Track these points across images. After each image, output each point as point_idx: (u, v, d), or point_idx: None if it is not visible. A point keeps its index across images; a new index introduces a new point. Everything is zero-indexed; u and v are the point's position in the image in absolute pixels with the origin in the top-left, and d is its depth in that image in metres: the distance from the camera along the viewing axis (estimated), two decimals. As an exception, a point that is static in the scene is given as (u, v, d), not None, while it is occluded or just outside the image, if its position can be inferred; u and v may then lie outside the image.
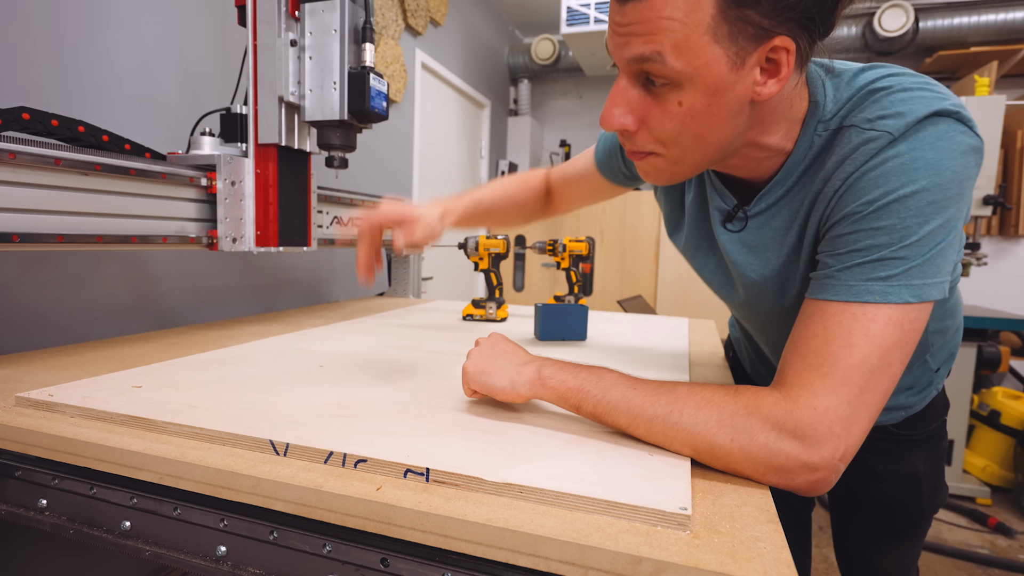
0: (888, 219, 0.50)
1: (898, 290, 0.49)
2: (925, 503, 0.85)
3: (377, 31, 2.32)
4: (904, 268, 0.49)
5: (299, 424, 0.59)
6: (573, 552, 0.40)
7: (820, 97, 0.57)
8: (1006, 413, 2.57)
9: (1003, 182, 3.29)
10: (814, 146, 0.58)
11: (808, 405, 0.48)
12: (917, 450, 0.84)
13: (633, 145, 0.57)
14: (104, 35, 1.22)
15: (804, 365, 0.51)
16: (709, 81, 0.50)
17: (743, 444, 0.49)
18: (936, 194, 0.49)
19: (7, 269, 1.05)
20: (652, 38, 0.49)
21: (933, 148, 0.49)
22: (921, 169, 0.49)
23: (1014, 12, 3.03)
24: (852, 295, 0.50)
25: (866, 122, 0.53)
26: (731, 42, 0.49)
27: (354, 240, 1.57)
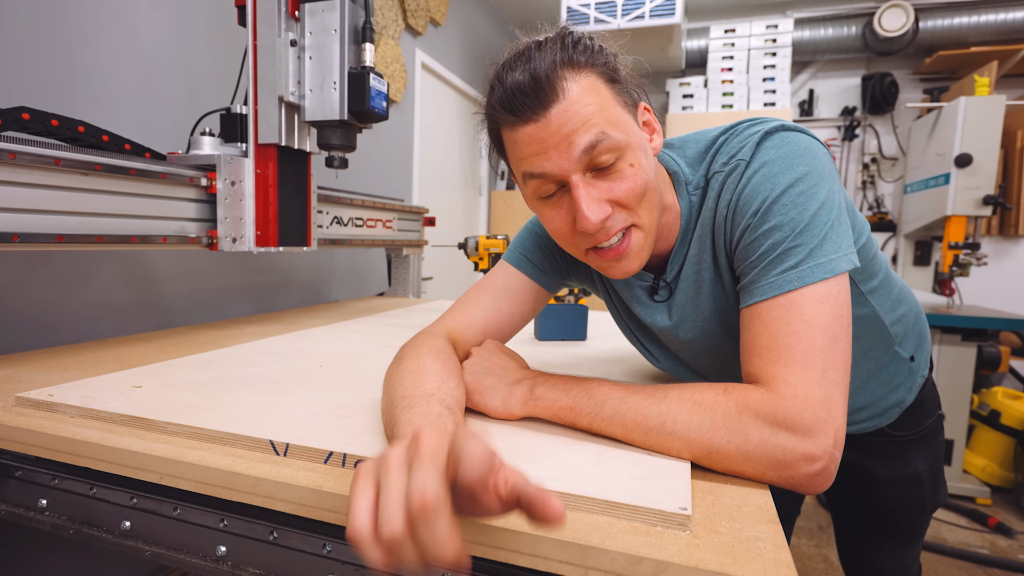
0: (774, 219, 0.56)
1: (810, 271, 0.54)
2: (927, 502, 0.86)
3: (377, 31, 2.32)
4: (807, 252, 0.54)
5: (299, 424, 0.59)
6: (573, 552, 0.40)
7: (675, 167, 0.67)
8: (1006, 413, 2.57)
9: (1003, 182, 3.29)
10: (693, 204, 0.66)
11: (788, 395, 0.50)
12: (916, 449, 0.84)
13: (610, 231, 0.59)
14: (104, 35, 1.22)
15: (764, 362, 0.53)
16: (637, 141, 0.59)
17: (739, 444, 0.50)
18: (800, 186, 0.56)
19: (7, 269, 1.05)
20: (589, 125, 0.55)
21: (780, 156, 0.58)
22: (778, 173, 0.57)
23: (1014, 12, 3.04)
24: (773, 290, 0.55)
25: (722, 165, 0.62)
26: (627, 110, 0.59)
27: (354, 241, 1.57)
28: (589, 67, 0.57)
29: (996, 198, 2.54)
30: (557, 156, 0.56)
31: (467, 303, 0.78)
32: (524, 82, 0.56)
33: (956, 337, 2.40)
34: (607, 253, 0.61)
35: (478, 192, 3.78)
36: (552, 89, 0.55)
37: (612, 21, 2.79)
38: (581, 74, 0.56)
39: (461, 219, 3.52)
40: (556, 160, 0.56)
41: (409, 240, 1.92)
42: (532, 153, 0.57)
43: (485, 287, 0.78)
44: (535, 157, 0.57)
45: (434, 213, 2.11)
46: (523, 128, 0.57)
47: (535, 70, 0.55)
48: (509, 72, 0.58)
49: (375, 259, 2.27)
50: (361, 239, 1.61)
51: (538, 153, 0.57)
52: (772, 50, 3.29)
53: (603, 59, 0.59)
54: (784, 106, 3.23)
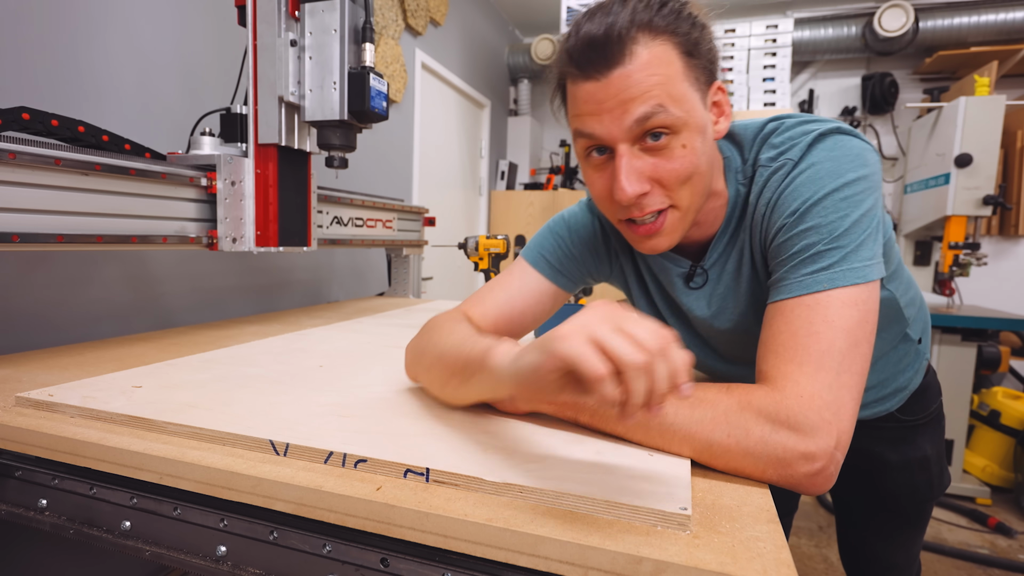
0: (812, 220, 0.56)
1: (842, 275, 0.53)
2: (935, 486, 0.88)
3: (377, 31, 2.32)
4: (841, 255, 0.54)
5: (299, 424, 0.59)
6: (573, 552, 0.40)
7: (727, 152, 0.66)
8: (1006, 413, 2.57)
9: (1003, 182, 3.29)
10: (739, 193, 0.65)
11: (794, 394, 0.50)
12: (923, 433, 0.87)
13: (646, 208, 0.59)
14: (104, 35, 1.22)
15: (778, 359, 0.53)
16: (697, 122, 0.57)
17: (739, 439, 0.50)
18: (847, 191, 0.55)
19: (7, 269, 1.05)
20: (648, 95, 0.54)
21: (829, 159, 0.57)
22: (825, 176, 0.56)
23: (1014, 12, 3.03)
24: (802, 288, 0.54)
25: (769, 160, 0.61)
26: (696, 87, 0.57)
27: (354, 241, 1.57)
28: (668, 34, 0.55)
29: (996, 198, 2.54)
30: (610, 121, 0.56)
31: (482, 298, 0.77)
32: (596, 36, 0.54)
33: (956, 337, 2.40)
34: (639, 228, 0.61)
35: (478, 192, 3.77)
36: (620, 50, 0.54)
37: (612, 21, 2.79)
38: (656, 40, 0.54)
39: (461, 219, 3.52)
40: (608, 125, 0.56)
41: (409, 240, 1.92)
42: (587, 112, 0.57)
43: (501, 284, 0.78)
44: (589, 117, 0.57)
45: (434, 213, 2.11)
46: (584, 84, 0.56)
47: (610, 26, 0.54)
48: (588, 21, 0.56)
49: (375, 259, 2.27)
50: (361, 239, 1.61)
51: (592, 113, 0.57)
52: (772, 50, 3.29)
53: (685, 29, 0.56)
54: (784, 106, 3.23)
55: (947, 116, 2.71)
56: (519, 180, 4.06)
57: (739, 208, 0.65)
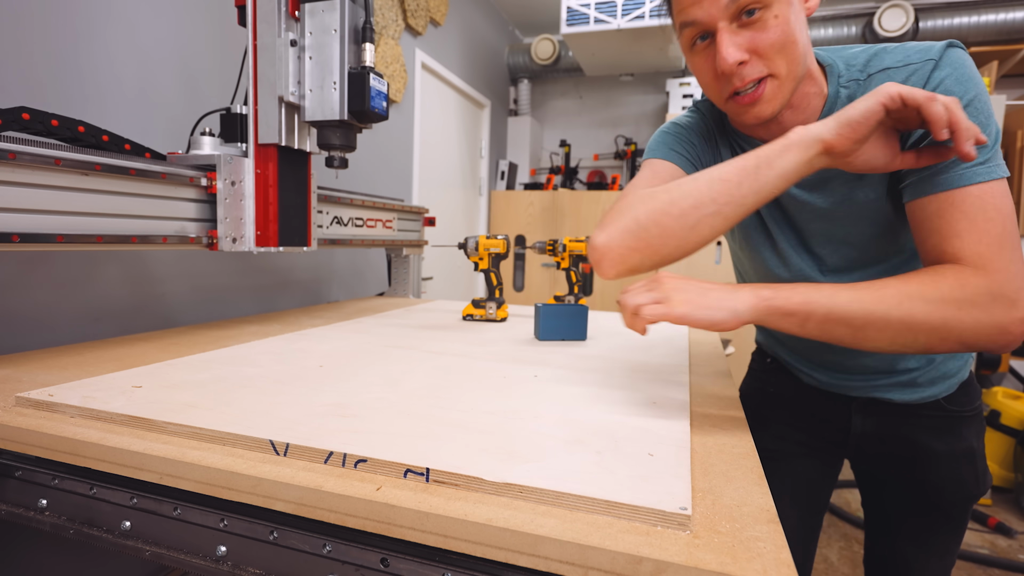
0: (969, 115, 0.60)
1: (993, 168, 0.59)
2: (980, 482, 0.87)
3: (377, 31, 2.32)
4: (992, 152, 0.60)
5: (299, 424, 0.59)
6: (573, 552, 0.40)
7: (829, 60, 0.71)
8: (1006, 413, 2.57)
9: (1003, 182, 3.29)
10: (842, 95, 0.70)
11: (996, 270, 0.56)
12: (968, 427, 0.86)
13: (746, 78, 0.65)
14: (104, 35, 1.22)
15: (966, 243, 0.58)
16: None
17: (971, 312, 0.55)
18: (984, 100, 0.62)
19: (7, 269, 1.05)
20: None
21: (965, 67, 0.63)
22: (968, 82, 0.62)
23: (1014, 12, 3.03)
24: (965, 180, 0.59)
25: (898, 62, 0.66)
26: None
27: (354, 241, 1.57)
28: None
29: (996, 198, 2.53)
30: (708, 4, 0.64)
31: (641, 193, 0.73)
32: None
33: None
34: (742, 99, 0.67)
35: (478, 192, 3.78)
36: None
37: (612, 21, 2.79)
38: None
39: (461, 219, 3.52)
40: (707, 7, 0.64)
41: (409, 240, 1.92)
42: (688, 4, 0.65)
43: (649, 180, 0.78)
44: (690, 6, 0.65)
45: (434, 213, 2.11)
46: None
47: None
48: None
49: (375, 259, 2.27)
50: (361, 239, 1.61)
51: (692, 4, 0.65)
52: (772, 50, 3.29)
53: None
54: (784, 106, 3.23)
55: (947, 116, 2.71)
56: (519, 180, 4.06)
57: (842, 104, 0.69)
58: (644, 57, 3.31)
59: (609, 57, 3.32)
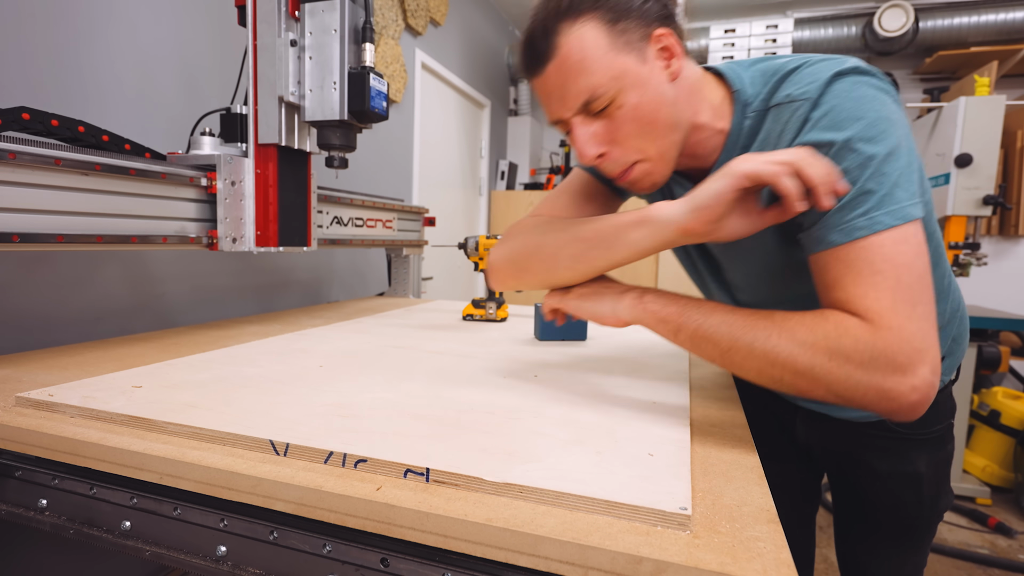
0: (841, 164, 0.56)
1: (881, 218, 0.54)
2: (926, 507, 0.84)
3: (377, 31, 2.32)
4: (877, 199, 0.54)
5: (299, 424, 0.59)
6: (573, 552, 0.40)
7: (739, 85, 0.67)
8: (1006, 413, 2.57)
9: (1003, 182, 3.29)
10: (744, 128, 0.67)
11: (887, 327, 0.51)
12: (919, 450, 0.83)
13: (615, 166, 0.66)
14: (104, 35, 1.22)
15: (853, 296, 0.54)
16: (632, 81, 0.61)
17: (845, 368, 0.51)
18: (869, 132, 0.55)
19: (7, 269, 1.05)
20: (579, 79, 0.61)
21: (848, 99, 0.57)
22: (846, 118, 0.56)
23: (1014, 12, 3.03)
24: (845, 235, 0.55)
25: (787, 98, 0.62)
26: (629, 48, 0.61)
27: (354, 241, 1.57)
28: (590, 12, 0.60)
29: (996, 198, 2.54)
30: (558, 106, 0.64)
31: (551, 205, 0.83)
32: (526, 39, 0.64)
33: (956, 337, 2.40)
34: (620, 180, 0.67)
35: (478, 192, 3.78)
36: (547, 46, 0.61)
37: (612, 21, 2.78)
38: (578, 23, 0.60)
39: (461, 219, 3.52)
40: (557, 109, 0.65)
41: (409, 240, 1.92)
42: (544, 103, 0.67)
43: (564, 191, 0.84)
44: (547, 106, 0.66)
45: (434, 213, 2.11)
46: (534, 81, 0.66)
47: (534, 27, 0.62)
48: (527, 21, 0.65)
49: (375, 259, 2.27)
50: (361, 239, 1.61)
51: (547, 103, 0.66)
52: (772, 50, 3.29)
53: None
54: (784, 106, 3.23)
55: (947, 116, 2.71)
56: (519, 180, 4.06)
57: (744, 140, 0.67)
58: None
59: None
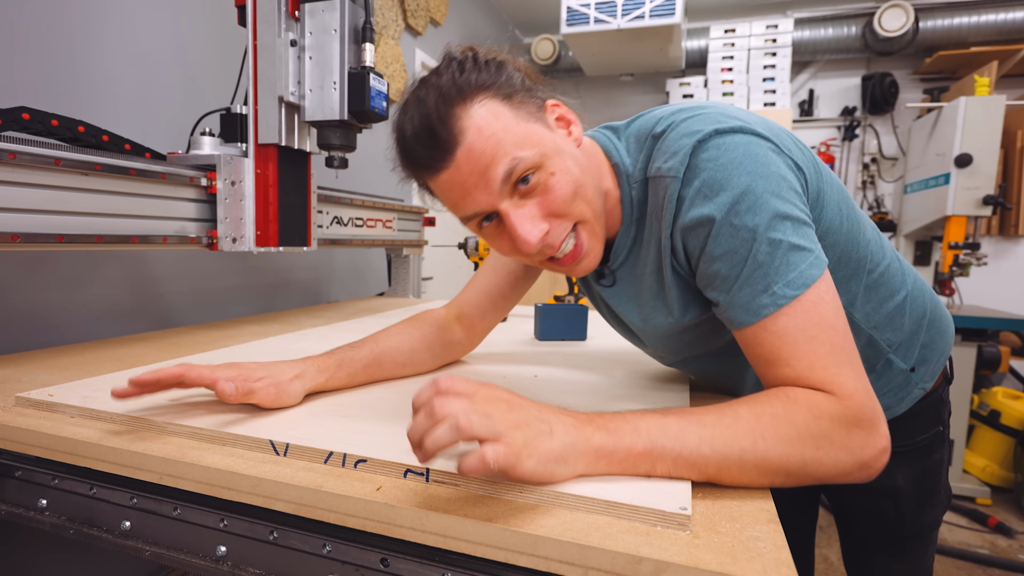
0: (722, 245, 0.54)
1: (782, 291, 0.52)
2: (908, 520, 0.82)
3: (377, 31, 2.32)
4: (770, 276, 0.52)
5: (299, 424, 0.59)
6: (573, 552, 0.40)
7: (616, 158, 0.65)
8: (1006, 413, 2.57)
9: (1003, 182, 3.29)
10: (634, 199, 0.64)
11: (846, 395, 0.50)
12: (898, 463, 0.76)
13: (555, 241, 0.59)
14: (104, 35, 1.22)
15: (800, 370, 0.52)
16: (551, 147, 0.58)
17: (828, 450, 0.49)
18: (744, 202, 0.52)
19: (7, 269, 1.05)
20: (498, 156, 0.55)
21: (716, 168, 0.54)
22: (718, 192, 0.54)
23: (1014, 12, 3.03)
24: (753, 315, 0.53)
25: (658, 170, 0.59)
26: (533, 118, 0.58)
27: (354, 241, 1.57)
28: (481, 91, 0.56)
29: (996, 198, 2.54)
30: (479, 194, 0.57)
31: (469, 284, 0.88)
32: (421, 134, 0.56)
33: (956, 337, 2.39)
34: (564, 260, 0.61)
35: (478, 192, 3.77)
36: (450, 133, 0.55)
37: (612, 21, 2.79)
38: (474, 104, 0.55)
39: (461, 219, 3.52)
40: (479, 199, 0.57)
41: (409, 240, 1.92)
42: (457, 198, 0.58)
43: (483, 266, 0.88)
44: (460, 200, 0.58)
45: (434, 213, 2.11)
46: (438, 176, 0.57)
47: (427, 117, 0.55)
48: (406, 119, 0.58)
49: (375, 259, 2.27)
50: (361, 239, 1.61)
51: (462, 197, 0.58)
52: (772, 50, 3.29)
53: (493, 77, 0.57)
54: (784, 106, 3.23)
55: (947, 116, 2.71)
56: (519, 180, 4.05)
57: (637, 209, 0.64)
58: (644, 57, 3.31)
59: (609, 57, 3.31)
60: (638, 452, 0.47)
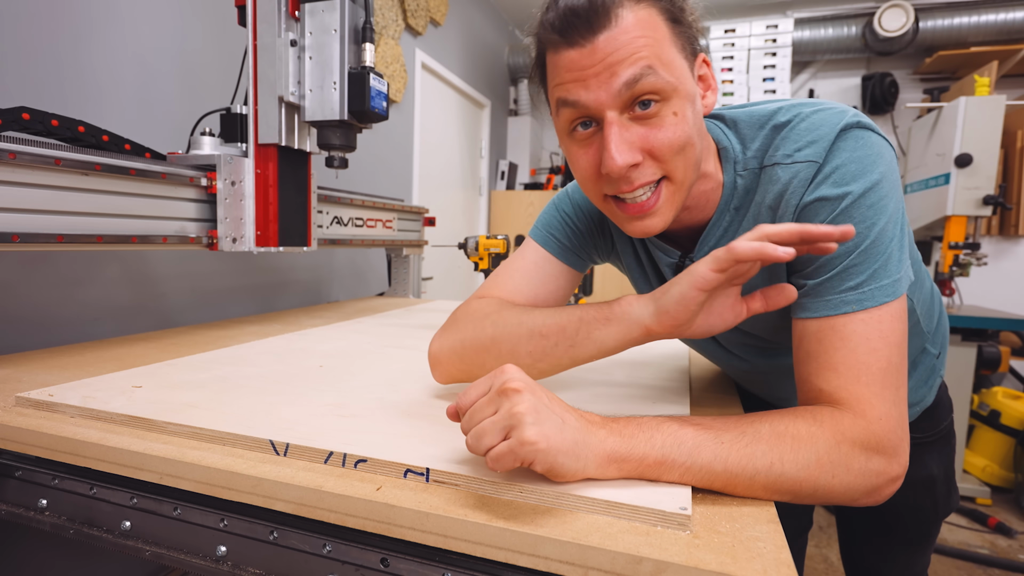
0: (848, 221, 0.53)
1: (872, 294, 0.52)
2: (940, 507, 0.84)
3: (377, 31, 2.32)
4: (869, 272, 0.52)
5: (299, 424, 0.59)
6: (573, 552, 0.40)
7: (725, 142, 0.62)
8: (1006, 413, 2.57)
9: (1003, 182, 3.29)
10: (738, 186, 0.61)
11: (876, 418, 0.50)
12: (931, 452, 0.83)
13: (636, 181, 0.55)
14: (104, 35, 1.22)
15: (844, 380, 0.51)
16: (687, 89, 0.54)
17: (843, 477, 0.48)
18: (871, 197, 0.52)
19: (7, 269, 1.05)
20: (637, 58, 0.51)
21: (853, 159, 0.54)
22: (850, 180, 0.53)
23: (1014, 12, 3.03)
24: (831, 308, 0.53)
25: (787, 158, 0.57)
26: (684, 55, 0.55)
27: (354, 241, 1.57)
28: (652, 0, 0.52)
29: (996, 198, 2.54)
30: (596, 86, 0.52)
31: (502, 283, 0.74)
32: (578, 5, 0.51)
33: (956, 337, 2.40)
34: (630, 208, 0.56)
35: (478, 192, 3.77)
36: (606, 14, 0.51)
37: (612, 21, 2.78)
38: (641, 4, 0.52)
39: (461, 219, 3.52)
40: (595, 90, 0.52)
41: (409, 240, 1.92)
42: (571, 79, 0.53)
43: (518, 268, 0.75)
44: (574, 84, 0.53)
45: (434, 213, 2.11)
46: (567, 52, 0.53)
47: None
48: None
49: (375, 259, 2.27)
50: (361, 239, 1.61)
51: (577, 80, 0.53)
52: (772, 50, 3.29)
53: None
54: (784, 106, 3.22)
55: (947, 116, 2.71)
56: (519, 180, 4.06)
57: (738, 199, 0.61)
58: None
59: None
60: (649, 463, 0.47)
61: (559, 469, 0.44)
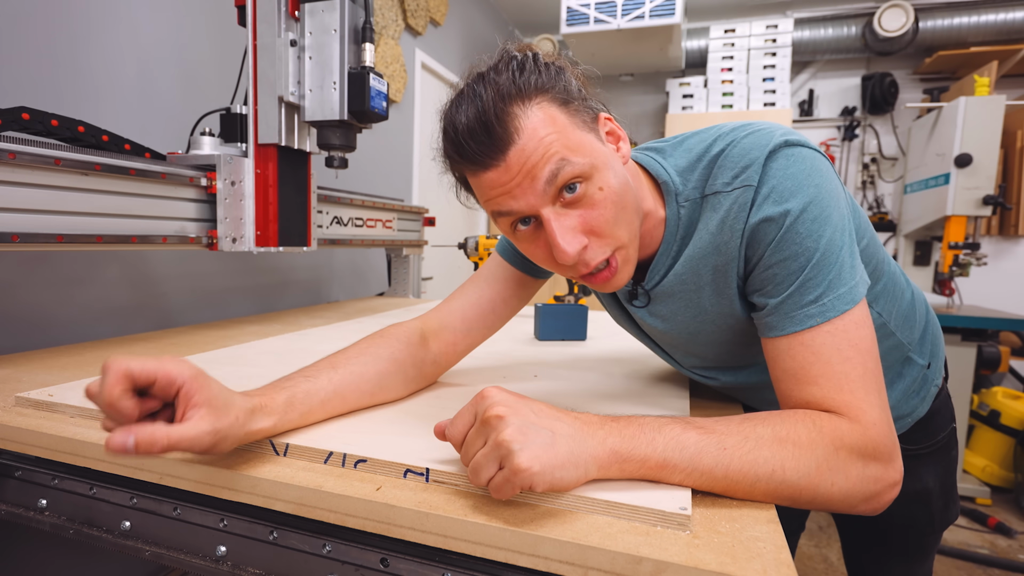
0: (786, 249, 0.54)
1: (832, 304, 0.53)
2: (936, 520, 0.83)
3: (377, 31, 2.32)
4: (826, 284, 0.53)
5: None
6: (573, 552, 0.40)
7: (664, 176, 0.63)
8: (1006, 413, 2.57)
9: (1003, 182, 3.29)
10: (682, 217, 0.63)
11: (871, 423, 0.50)
12: (927, 465, 0.81)
13: (592, 261, 0.57)
14: (104, 35, 1.22)
15: (828, 391, 0.52)
16: (602, 161, 0.56)
17: (841, 485, 0.48)
18: (813, 211, 0.54)
19: (7, 269, 1.05)
20: (549, 155, 0.53)
21: (787, 177, 0.55)
22: (788, 198, 0.54)
23: (1014, 12, 3.04)
24: (795, 324, 0.54)
25: (726, 185, 0.59)
26: (587, 128, 0.57)
27: (354, 241, 1.57)
28: (539, 93, 0.55)
29: (996, 198, 2.53)
30: (521, 193, 0.55)
31: (452, 296, 0.79)
32: (475, 128, 0.54)
33: (956, 337, 2.40)
34: (595, 278, 0.59)
35: (478, 192, 3.77)
36: (505, 131, 0.53)
37: (612, 21, 2.79)
38: (532, 104, 0.54)
39: (461, 219, 3.52)
40: (521, 197, 0.55)
41: (409, 240, 1.92)
42: (498, 195, 0.56)
43: (472, 278, 0.80)
44: (501, 197, 0.56)
45: (434, 213, 2.11)
46: (484, 174, 0.55)
47: (483, 112, 0.53)
48: (458, 113, 0.56)
49: (375, 259, 2.27)
50: (361, 239, 1.61)
51: (503, 194, 0.56)
52: (772, 50, 3.29)
53: (552, 80, 0.56)
54: (784, 106, 3.23)
55: (947, 116, 2.71)
56: (519, 180, 4.05)
57: (683, 228, 0.63)
58: (644, 57, 3.31)
59: (609, 57, 3.32)
60: (651, 466, 0.47)
61: (560, 484, 0.43)
